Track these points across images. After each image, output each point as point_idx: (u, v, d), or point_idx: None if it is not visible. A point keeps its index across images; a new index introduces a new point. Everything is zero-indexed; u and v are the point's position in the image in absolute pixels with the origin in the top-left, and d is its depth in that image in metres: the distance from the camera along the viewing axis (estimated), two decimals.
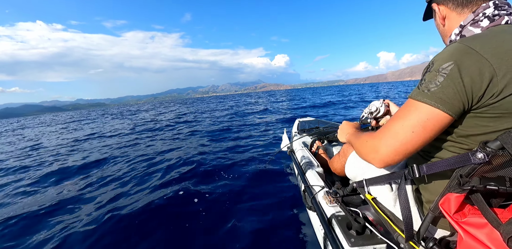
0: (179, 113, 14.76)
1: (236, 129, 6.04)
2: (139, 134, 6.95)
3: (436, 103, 0.57)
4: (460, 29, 0.67)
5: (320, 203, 1.20)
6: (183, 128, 7.17)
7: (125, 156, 4.16)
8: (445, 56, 0.57)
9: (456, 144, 0.64)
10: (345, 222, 1.00)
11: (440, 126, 0.59)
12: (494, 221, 0.50)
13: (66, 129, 11.86)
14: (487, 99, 0.54)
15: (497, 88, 0.52)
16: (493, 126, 0.57)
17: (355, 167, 1.16)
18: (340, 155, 1.41)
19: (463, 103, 0.56)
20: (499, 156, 0.53)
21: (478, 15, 0.63)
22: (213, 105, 21.84)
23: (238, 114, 10.17)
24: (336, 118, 6.85)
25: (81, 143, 6.40)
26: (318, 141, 2.13)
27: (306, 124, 2.94)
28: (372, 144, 0.68)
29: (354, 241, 0.90)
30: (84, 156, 4.59)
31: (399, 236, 0.81)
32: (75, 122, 17.10)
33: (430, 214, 0.68)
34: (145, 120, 11.70)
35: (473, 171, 0.57)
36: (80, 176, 3.37)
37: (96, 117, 22.57)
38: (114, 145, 5.40)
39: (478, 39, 0.57)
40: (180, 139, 5.45)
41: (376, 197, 0.97)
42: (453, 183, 0.61)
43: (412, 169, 0.70)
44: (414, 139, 0.60)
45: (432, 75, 0.59)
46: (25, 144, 7.76)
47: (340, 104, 11.08)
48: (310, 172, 1.52)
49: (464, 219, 0.55)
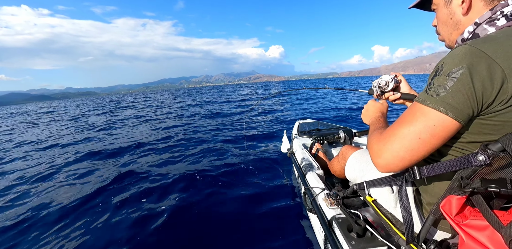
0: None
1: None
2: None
3: (445, 109, 0.54)
4: (475, 26, 0.62)
5: (321, 205, 1.20)
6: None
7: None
8: (456, 60, 0.54)
9: (459, 149, 0.63)
10: (346, 224, 0.99)
11: (448, 133, 0.57)
12: (496, 224, 0.50)
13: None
14: (495, 106, 0.53)
15: (506, 95, 0.51)
16: (496, 134, 0.56)
17: (354, 170, 1.15)
18: (339, 158, 1.41)
19: (473, 110, 0.54)
20: (500, 158, 0.53)
21: (495, 12, 0.59)
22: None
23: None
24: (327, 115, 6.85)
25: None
26: (318, 143, 2.13)
27: (306, 126, 2.94)
28: (377, 147, 0.65)
29: (354, 244, 0.89)
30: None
31: (400, 239, 0.81)
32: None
33: (431, 216, 0.68)
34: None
35: (474, 173, 0.57)
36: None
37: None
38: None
39: (491, 42, 0.54)
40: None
41: (376, 199, 0.96)
42: (454, 185, 0.61)
43: (413, 171, 0.69)
44: (420, 145, 0.58)
45: (441, 79, 0.56)
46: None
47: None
48: (310, 174, 1.52)
49: (465, 221, 0.55)
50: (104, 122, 8.74)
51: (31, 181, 3.19)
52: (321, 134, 2.37)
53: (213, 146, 4.13)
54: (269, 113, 7.95)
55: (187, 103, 15.19)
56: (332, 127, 2.73)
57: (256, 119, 6.94)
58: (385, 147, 0.62)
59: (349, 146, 1.38)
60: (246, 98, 15.72)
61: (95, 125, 8.16)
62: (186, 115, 8.91)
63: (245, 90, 31.48)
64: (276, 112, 8.13)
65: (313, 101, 10.99)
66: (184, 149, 4.09)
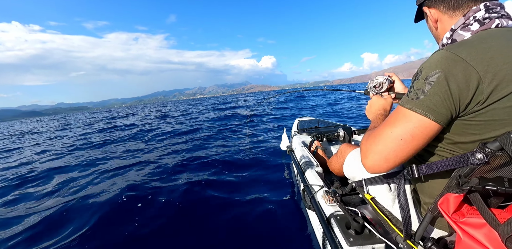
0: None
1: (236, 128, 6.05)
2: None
3: (423, 111, 0.57)
4: (451, 32, 0.67)
5: (319, 202, 1.20)
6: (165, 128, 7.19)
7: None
8: (432, 64, 0.58)
9: (447, 150, 0.65)
10: (344, 221, 1.00)
11: (428, 134, 0.59)
12: (493, 222, 0.51)
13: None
14: (473, 106, 0.55)
15: (483, 96, 0.53)
16: (480, 134, 0.57)
17: (353, 168, 1.16)
18: (338, 156, 1.42)
19: (451, 111, 0.56)
20: (498, 157, 0.53)
21: (468, 18, 0.63)
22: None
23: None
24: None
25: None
26: (317, 140, 2.13)
27: (306, 123, 2.94)
28: (364, 148, 0.68)
29: (352, 241, 0.90)
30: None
31: (398, 236, 0.81)
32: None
33: (428, 214, 0.69)
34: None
35: (472, 171, 0.57)
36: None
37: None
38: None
39: (464, 45, 0.57)
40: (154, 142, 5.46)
41: (375, 197, 0.97)
42: (452, 183, 0.61)
43: (411, 169, 0.70)
44: (402, 146, 0.60)
45: (420, 83, 0.59)
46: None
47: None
48: (310, 171, 1.53)
49: (463, 219, 0.56)
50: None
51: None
52: (321, 131, 2.37)
53: (214, 145, 4.14)
54: (269, 113, 7.95)
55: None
56: (331, 125, 2.73)
57: (256, 119, 6.95)
58: (371, 147, 0.65)
59: (348, 144, 1.38)
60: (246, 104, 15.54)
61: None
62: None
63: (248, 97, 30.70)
64: (276, 112, 8.12)
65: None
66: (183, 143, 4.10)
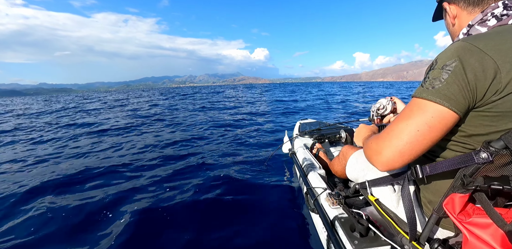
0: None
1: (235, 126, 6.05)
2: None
3: (441, 100, 0.56)
4: (468, 28, 0.67)
5: (323, 205, 1.20)
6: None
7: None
8: (449, 54, 0.57)
9: (460, 144, 0.63)
10: (348, 224, 0.99)
11: (446, 124, 0.57)
12: (499, 221, 0.50)
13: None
14: (490, 96, 0.54)
15: (500, 85, 0.52)
16: (496, 125, 0.56)
17: (356, 169, 1.15)
18: (340, 158, 1.41)
19: (468, 101, 0.55)
20: (503, 155, 0.53)
21: (486, 14, 0.63)
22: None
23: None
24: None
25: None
26: (319, 142, 2.13)
27: (307, 125, 2.94)
28: (376, 145, 0.66)
29: (358, 243, 0.89)
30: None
31: (403, 238, 0.80)
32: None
33: (434, 214, 0.68)
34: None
35: (477, 171, 0.57)
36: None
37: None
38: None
39: (481, 37, 0.57)
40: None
41: (378, 198, 0.96)
42: (456, 183, 0.61)
43: (415, 170, 0.69)
44: (419, 138, 0.58)
45: (436, 72, 0.58)
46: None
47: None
48: (312, 174, 1.52)
49: (469, 219, 0.55)
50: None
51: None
52: (322, 133, 2.37)
53: (213, 144, 4.14)
54: (269, 113, 7.97)
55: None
56: (333, 127, 2.72)
57: (257, 119, 6.95)
58: (384, 143, 0.63)
59: (350, 146, 1.38)
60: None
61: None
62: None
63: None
64: (276, 113, 8.14)
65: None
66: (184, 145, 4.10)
